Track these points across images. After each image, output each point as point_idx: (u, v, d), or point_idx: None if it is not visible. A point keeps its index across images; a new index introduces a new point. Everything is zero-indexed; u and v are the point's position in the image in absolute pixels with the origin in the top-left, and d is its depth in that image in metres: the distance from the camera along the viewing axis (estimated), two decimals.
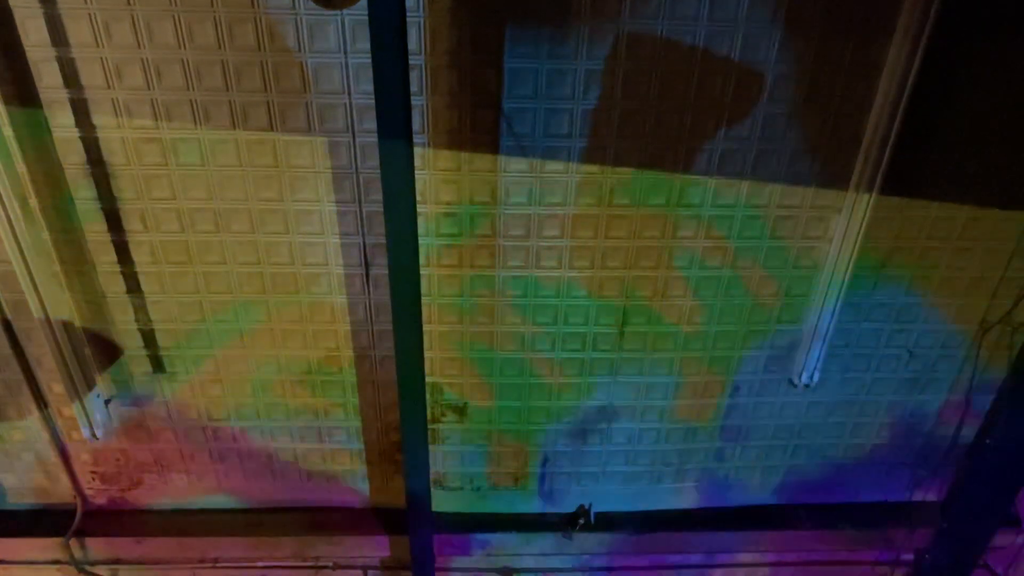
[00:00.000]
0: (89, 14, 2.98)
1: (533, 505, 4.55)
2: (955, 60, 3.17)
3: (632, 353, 3.97)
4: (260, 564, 4.52)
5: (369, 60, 2.81)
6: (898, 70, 3.13)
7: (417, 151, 3.30)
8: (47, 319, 3.49)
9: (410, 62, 3.03)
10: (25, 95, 3.14)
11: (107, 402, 3.96)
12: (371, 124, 3.25)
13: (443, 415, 4.16)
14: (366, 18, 2.85)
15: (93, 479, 4.33)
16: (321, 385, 4.03)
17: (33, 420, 4.06)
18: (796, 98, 3.28)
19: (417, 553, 4.23)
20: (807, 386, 4.03)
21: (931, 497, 4.62)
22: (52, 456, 4.20)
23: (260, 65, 3.12)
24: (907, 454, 4.46)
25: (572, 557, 4.60)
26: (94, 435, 3.87)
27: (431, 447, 4.20)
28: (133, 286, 3.67)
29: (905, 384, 4.17)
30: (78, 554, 4.40)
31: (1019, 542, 4.60)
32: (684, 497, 4.57)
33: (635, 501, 4.55)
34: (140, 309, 3.74)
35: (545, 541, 4.50)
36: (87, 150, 3.29)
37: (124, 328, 3.79)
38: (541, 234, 3.58)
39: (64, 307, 3.56)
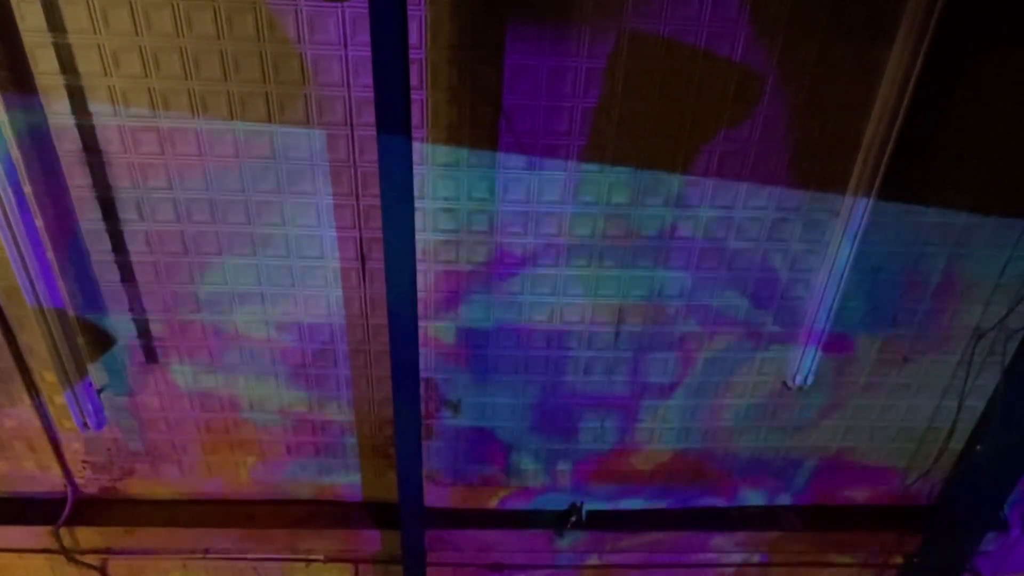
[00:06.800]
0: (87, 0, 2.96)
1: (525, 502, 4.55)
2: (956, 66, 3.17)
3: (627, 352, 3.97)
4: (251, 556, 4.52)
5: (369, 53, 2.79)
6: (899, 75, 3.13)
7: (416, 146, 3.29)
8: (40, 307, 3.46)
9: (410, 56, 3.02)
10: (21, 81, 3.12)
11: (99, 391, 3.95)
12: (370, 117, 3.24)
13: (437, 411, 4.16)
14: (366, 10, 2.84)
15: (84, 468, 4.32)
16: (315, 379, 4.02)
17: (24, 408, 4.05)
18: (796, 100, 3.27)
19: (409, 548, 4.23)
20: (801, 388, 4.04)
21: (921, 501, 4.65)
22: (43, 445, 4.19)
23: (259, 56, 3.10)
24: (898, 458, 4.48)
25: (563, 554, 4.61)
26: (86, 424, 3.85)
27: (424, 442, 4.20)
28: (127, 275, 3.65)
29: (898, 389, 4.19)
30: (68, 543, 4.39)
31: (1007, 547, 4.63)
32: (676, 497, 4.59)
33: (627, 500, 4.57)
34: (134, 299, 3.72)
35: (537, 538, 4.51)
36: (83, 137, 3.27)
37: (117, 317, 3.78)
38: (538, 232, 3.58)
39: (57, 296, 3.53)
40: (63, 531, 4.33)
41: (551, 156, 3.37)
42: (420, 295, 3.69)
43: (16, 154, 3.26)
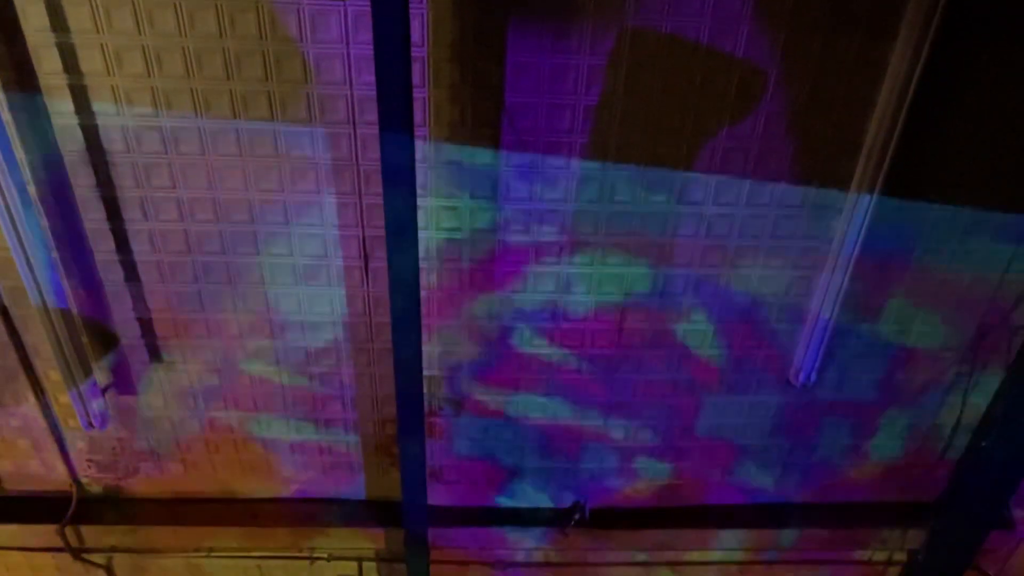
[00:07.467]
0: (90, 0, 2.97)
1: (528, 500, 4.56)
2: (959, 62, 3.16)
3: (630, 350, 3.97)
4: (255, 554, 4.54)
5: (371, 51, 2.79)
6: (902, 71, 3.12)
7: (418, 144, 3.29)
8: (44, 307, 3.48)
9: (412, 54, 3.02)
10: (24, 81, 3.13)
11: (104, 390, 3.96)
12: (372, 116, 3.24)
13: (440, 409, 4.16)
14: (368, 9, 2.84)
15: (89, 467, 4.34)
16: (318, 377, 4.03)
17: (29, 407, 4.06)
18: (799, 97, 3.27)
19: (412, 546, 4.24)
20: (804, 385, 4.03)
21: (925, 498, 4.64)
22: (48, 443, 4.20)
23: (261, 54, 3.11)
24: (902, 455, 4.48)
25: (567, 552, 4.61)
26: (90, 423, 3.87)
27: (427, 440, 4.21)
28: (131, 275, 3.66)
29: (901, 385, 4.18)
30: (73, 541, 4.41)
31: (1011, 544, 4.61)
32: (679, 494, 4.58)
33: (630, 497, 4.57)
34: (138, 298, 3.73)
35: (540, 536, 4.51)
36: (86, 137, 3.27)
37: (122, 317, 3.79)
38: (541, 229, 3.58)
39: (62, 295, 3.55)
40: (68, 529, 4.35)
41: (553, 153, 3.37)
42: (423, 293, 3.69)
43: (20, 154, 3.27)
